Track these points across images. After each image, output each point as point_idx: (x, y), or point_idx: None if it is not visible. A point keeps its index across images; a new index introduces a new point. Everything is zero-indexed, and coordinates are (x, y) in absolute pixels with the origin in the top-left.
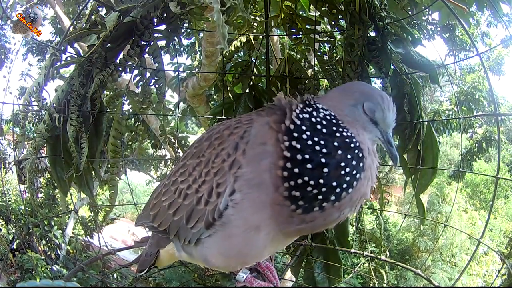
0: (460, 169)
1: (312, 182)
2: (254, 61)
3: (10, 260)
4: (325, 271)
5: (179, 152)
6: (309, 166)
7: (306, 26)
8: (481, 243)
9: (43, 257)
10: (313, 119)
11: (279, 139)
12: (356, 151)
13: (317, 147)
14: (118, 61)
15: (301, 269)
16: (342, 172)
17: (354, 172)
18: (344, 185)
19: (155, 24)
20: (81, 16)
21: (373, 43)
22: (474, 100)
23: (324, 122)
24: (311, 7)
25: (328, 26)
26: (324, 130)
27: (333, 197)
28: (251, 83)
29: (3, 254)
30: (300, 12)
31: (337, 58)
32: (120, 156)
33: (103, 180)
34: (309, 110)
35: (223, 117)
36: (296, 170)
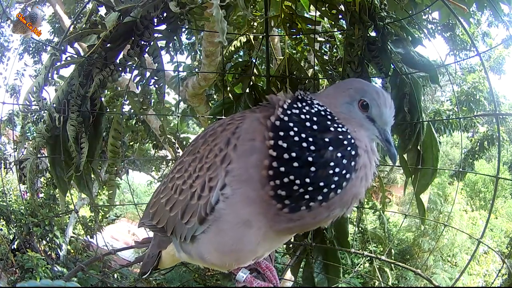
0: (460, 169)
1: (298, 181)
2: (254, 61)
3: (11, 259)
4: (324, 271)
5: (179, 152)
6: (295, 164)
7: (306, 26)
8: (481, 243)
9: (43, 257)
10: (303, 115)
11: (265, 136)
12: (349, 148)
13: (304, 144)
14: (118, 61)
15: (300, 269)
16: (331, 171)
17: (344, 171)
18: (332, 186)
19: (155, 24)
20: (82, 15)
21: (373, 43)
22: (475, 100)
23: (315, 118)
24: (311, 7)
25: (328, 26)
26: (315, 127)
27: (320, 197)
28: (251, 83)
29: (4, 254)
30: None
31: (337, 58)
32: (119, 156)
33: (102, 181)
34: (300, 105)
35: (223, 117)
36: (282, 168)
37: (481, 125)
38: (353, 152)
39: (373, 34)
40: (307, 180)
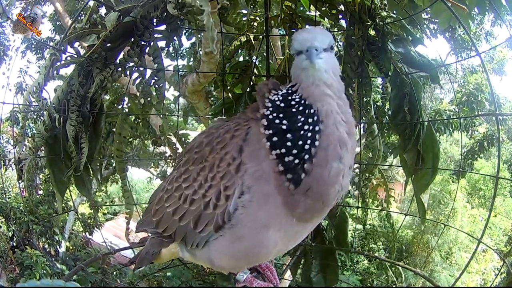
0: (460, 169)
1: (283, 150)
2: (254, 60)
3: (10, 257)
4: (323, 271)
5: (178, 150)
6: (275, 139)
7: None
8: (481, 243)
9: (42, 254)
10: (276, 97)
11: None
12: (308, 109)
13: (277, 121)
14: (118, 61)
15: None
16: (302, 131)
17: (311, 127)
18: (308, 141)
19: (155, 24)
20: (82, 13)
21: (373, 43)
22: (476, 101)
23: (281, 98)
24: (311, 7)
25: (328, 26)
26: (282, 104)
27: (306, 155)
28: (251, 83)
29: (3, 251)
30: (301, 8)
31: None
32: (125, 159)
33: (102, 179)
34: (276, 92)
35: (223, 117)
36: (268, 144)
37: (480, 124)
38: (312, 110)
39: (373, 34)
40: (288, 144)
